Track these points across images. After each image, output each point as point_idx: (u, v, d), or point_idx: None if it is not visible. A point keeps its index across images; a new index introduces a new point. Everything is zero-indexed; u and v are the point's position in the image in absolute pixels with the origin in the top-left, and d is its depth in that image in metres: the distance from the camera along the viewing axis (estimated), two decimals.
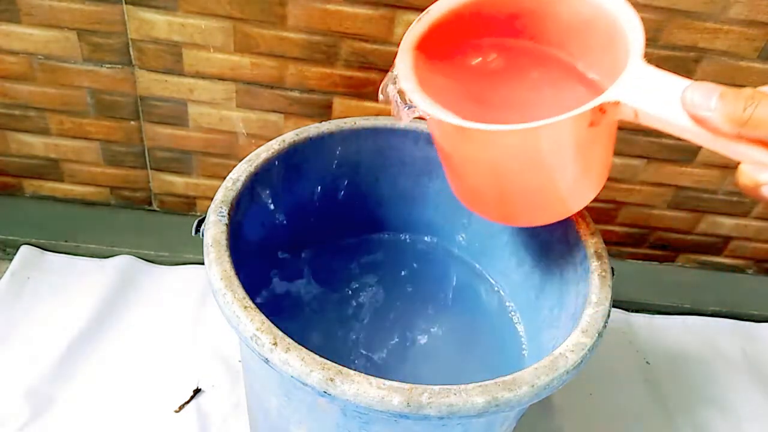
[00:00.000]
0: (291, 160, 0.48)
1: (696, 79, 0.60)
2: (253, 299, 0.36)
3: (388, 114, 0.64)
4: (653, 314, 0.75)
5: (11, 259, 0.68)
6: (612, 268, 0.42)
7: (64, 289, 0.66)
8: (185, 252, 0.71)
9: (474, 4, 0.40)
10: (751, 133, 0.27)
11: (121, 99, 0.63)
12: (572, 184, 0.38)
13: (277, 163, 0.47)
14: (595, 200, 0.73)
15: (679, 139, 0.31)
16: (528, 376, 0.34)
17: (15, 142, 0.67)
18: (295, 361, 0.32)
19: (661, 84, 0.31)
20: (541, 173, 0.36)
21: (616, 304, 0.49)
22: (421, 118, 0.37)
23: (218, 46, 0.59)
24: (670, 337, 0.73)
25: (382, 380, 0.32)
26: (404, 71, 0.38)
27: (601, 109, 0.32)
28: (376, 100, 0.62)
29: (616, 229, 0.75)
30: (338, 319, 0.50)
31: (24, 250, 0.69)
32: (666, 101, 0.30)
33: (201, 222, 0.42)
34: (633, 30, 0.33)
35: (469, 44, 0.42)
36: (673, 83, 0.31)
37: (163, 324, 0.65)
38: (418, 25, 0.40)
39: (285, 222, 0.51)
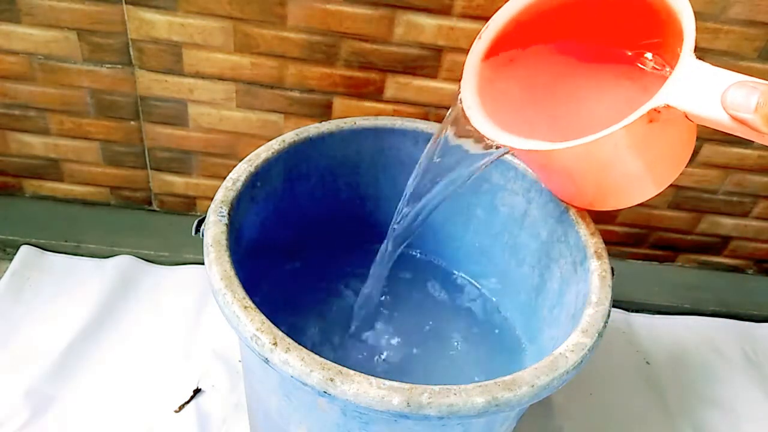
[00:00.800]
0: (291, 160, 0.48)
1: None
2: (252, 299, 0.36)
3: (388, 114, 0.64)
4: (653, 314, 0.75)
5: (11, 259, 0.68)
6: (612, 268, 0.42)
7: (64, 289, 0.66)
8: (185, 252, 0.71)
9: (532, 7, 0.40)
10: None
11: (121, 99, 0.63)
12: (649, 173, 0.38)
13: (277, 163, 0.47)
14: None
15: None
16: (528, 376, 0.34)
17: (15, 142, 0.67)
18: (295, 361, 0.32)
19: (711, 83, 0.30)
20: (615, 170, 0.37)
21: (616, 304, 0.49)
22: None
23: (218, 46, 0.59)
24: (670, 337, 0.73)
25: (382, 380, 0.32)
26: (471, 103, 0.40)
27: (656, 110, 0.31)
28: (377, 100, 0.62)
29: (616, 229, 0.75)
30: (338, 319, 0.50)
31: (24, 250, 0.69)
32: (715, 103, 0.30)
33: (201, 222, 0.42)
34: (687, 22, 0.32)
35: (531, 48, 0.42)
36: (722, 81, 0.30)
37: (163, 324, 0.65)
38: (481, 43, 0.41)
39: (285, 222, 0.51)
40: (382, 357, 0.49)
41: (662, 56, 0.37)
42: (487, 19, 0.52)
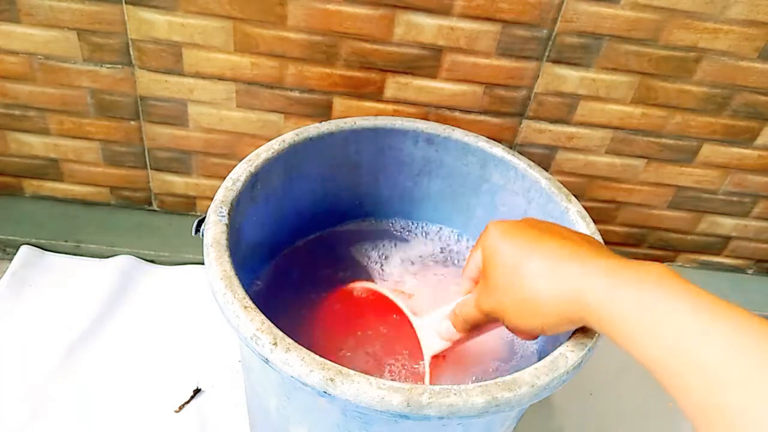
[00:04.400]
0: (291, 160, 0.48)
1: (696, 79, 0.60)
2: (252, 299, 0.36)
3: (388, 114, 0.64)
4: None
5: (11, 259, 0.68)
6: None
7: (64, 289, 0.66)
8: (185, 252, 0.71)
9: None
10: (473, 327, 0.41)
11: (121, 99, 0.63)
12: None
13: (277, 163, 0.46)
14: (595, 200, 0.73)
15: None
16: (528, 376, 0.34)
17: (15, 142, 0.67)
18: (295, 361, 0.32)
19: (433, 326, 0.43)
20: None
21: None
22: None
23: (218, 46, 0.59)
24: None
25: (382, 380, 0.32)
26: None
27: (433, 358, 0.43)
28: (377, 100, 0.62)
29: (616, 229, 0.75)
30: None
31: (24, 250, 0.69)
32: (448, 335, 0.42)
33: (201, 222, 0.41)
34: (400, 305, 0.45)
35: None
36: (437, 321, 0.43)
37: (163, 324, 0.65)
38: None
39: (285, 222, 0.51)
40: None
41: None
42: (487, 18, 0.52)
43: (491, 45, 0.58)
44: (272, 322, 0.34)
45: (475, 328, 0.40)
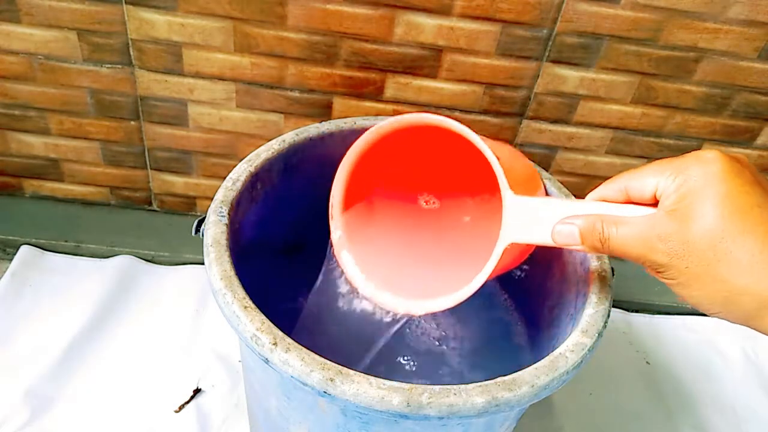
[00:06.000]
0: (291, 160, 0.48)
1: (696, 79, 0.60)
2: (252, 299, 0.36)
3: (388, 114, 0.64)
4: (653, 314, 0.75)
5: (11, 259, 0.68)
6: (612, 268, 0.42)
7: (64, 289, 0.66)
8: (185, 252, 0.71)
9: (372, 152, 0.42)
10: (611, 254, 0.33)
11: (121, 99, 0.63)
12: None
13: (277, 163, 0.47)
14: None
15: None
16: (528, 376, 0.34)
17: (15, 142, 0.67)
18: (295, 361, 0.32)
19: (537, 216, 0.35)
20: None
21: (616, 304, 0.49)
22: None
23: (218, 46, 0.59)
24: (670, 337, 0.73)
25: (382, 380, 0.32)
26: (348, 266, 0.43)
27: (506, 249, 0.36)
28: (376, 100, 0.62)
29: None
30: (337, 318, 0.50)
31: (24, 250, 0.69)
32: (545, 232, 0.35)
33: (201, 222, 0.42)
34: (495, 167, 0.35)
35: (378, 200, 0.45)
36: (545, 213, 0.35)
37: (163, 324, 0.65)
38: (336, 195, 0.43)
39: (285, 222, 0.51)
40: (382, 352, 0.49)
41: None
42: (487, 18, 0.52)
43: (491, 45, 0.58)
44: (272, 321, 0.34)
45: (599, 251, 0.33)
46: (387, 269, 0.43)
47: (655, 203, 0.32)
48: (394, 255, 0.44)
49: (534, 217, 0.35)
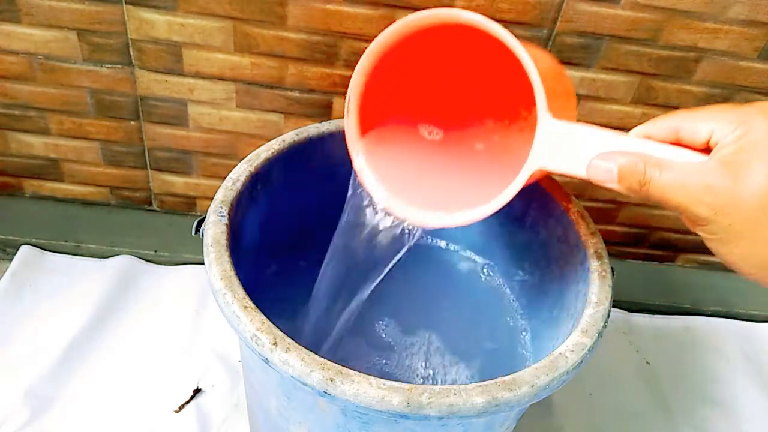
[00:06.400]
0: (291, 160, 0.48)
1: (696, 79, 0.60)
2: (252, 299, 0.36)
3: None
4: (653, 314, 0.75)
5: (11, 259, 0.68)
6: (612, 268, 0.42)
7: (64, 289, 0.66)
8: (185, 252, 0.71)
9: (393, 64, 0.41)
10: (647, 200, 0.31)
11: (121, 99, 0.63)
12: None
13: (277, 163, 0.46)
14: (595, 200, 0.73)
15: None
16: (528, 376, 0.34)
17: (15, 142, 0.67)
18: (295, 361, 0.32)
19: (573, 143, 0.33)
20: None
21: (616, 304, 0.49)
22: None
23: (218, 46, 0.59)
24: (670, 337, 0.73)
25: (382, 380, 0.32)
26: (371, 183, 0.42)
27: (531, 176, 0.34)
28: None
29: (616, 229, 0.75)
30: (337, 318, 0.50)
31: (24, 250, 0.69)
32: (580, 163, 0.33)
33: (201, 222, 0.42)
34: (535, 82, 0.33)
35: (396, 121, 0.44)
36: (581, 141, 0.33)
37: (163, 324, 0.65)
38: (351, 117, 0.42)
39: (285, 222, 0.51)
40: (382, 352, 0.49)
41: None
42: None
43: None
44: (272, 321, 0.34)
45: (636, 194, 0.31)
46: (408, 191, 0.41)
47: (706, 150, 0.30)
48: (412, 179, 0.43)
49: (570, 145, 0.32)
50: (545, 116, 0.33)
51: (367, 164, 0.41)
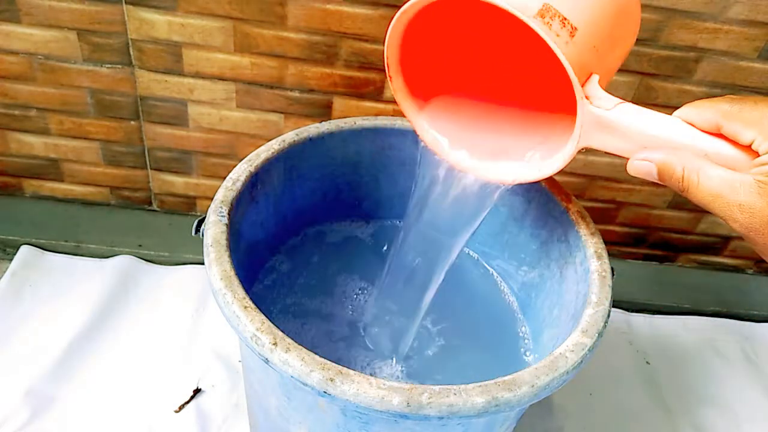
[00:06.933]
0: (291, 160, 0.48)
1: (696, 79, 0.60)
2: (252, 299, 0.36)
3: (388, 114, 0.64)
4: (653, 314, 0.75)
5: (11, 259, 0.68)
6: (612, 268, 0.42)
7: (64, 289, 0.66)
8: (185, 252, 0.71)
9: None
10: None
11: (121, 99, 0.63)
12: None
13: (277, 163, 0.46)
14: (595, 200, 0.73)
15: None
16: (528, 376, 0.34)
17: (15, 142, 0.67)
18: (295, 361, 0.32)
19: (611, 127, 0.33)
20: None
21: (616, 304, 0.49)
22: None
23: (218, 46, 0.59)
24: (670, 337, 0.73)
25: (382, 380, 0.32)
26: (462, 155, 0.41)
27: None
28: (376, 100, 0.62)
29: (616, 229, 0.75)
30: (337, 318, 0.50)
31: (24, 250, 0.69)
32: (623, 147, 0.34)
33: (201, 222, 0.42)
34: (569, 72, 0.33)
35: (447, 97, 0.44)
36: (623, 126, 0.33)
37: (163, 324, 0.65)
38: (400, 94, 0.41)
39: (285, 222, 0.51)
40: (382, 353, 0.49)
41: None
42: None
43: None
44: (272, 321, 0.34)
45: (680, 192, 0.31)
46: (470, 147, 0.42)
47: (749, 149, 0.30)
48: (470, 137, 0.43)
49: (610, 128, 0.33)
50: (583, 104, 0.33)
51: (430, 126, 0.42)
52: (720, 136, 0.31)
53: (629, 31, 0.37)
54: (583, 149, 0.35)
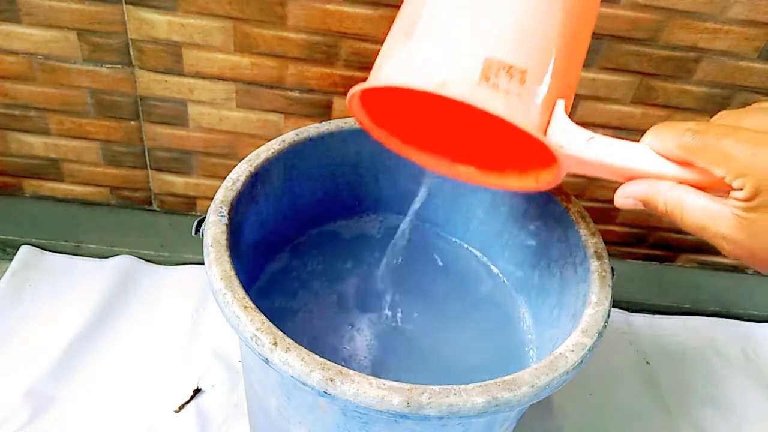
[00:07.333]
0: (291, 160, 0.48)
1: (696, 79, 0.60)
2: (252, 299, 0.36)
3: None
4: (653, 314, 0.75)
5: (11, 259, 0.68)
6: (612, 268, 0.42)
7: (64, 289, 0.66)
8: (185, 252, 0.71)
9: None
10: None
11: (121, 99, 0.63)
12: None
13: (277, 163, 0.47)
14: (595, 200, 0.73)
15: None
16: (528, 376, 0.34)
17: (15, 142, 0.67)
18: (295, 361, 0.32)
19: (587, 161, 0.33)
20: None
21: (616, 304, 0.49)
22: None
23: (218, 46, 0.59)
24: (670, 337, 0.73)
25: (382, 380, 0.32)
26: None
27: None
28: None
29: (616, 229, 0.75)
30: (337, 318, 0.50)
31: (24, 250, 0.69)
32: (605, 172, 0.34)
33: (201, 222, 0.42)
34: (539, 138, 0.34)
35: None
36: (598, 160, 0.33)
37: (163, 324, 0.65)
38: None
39: (285, 222, 0.51)
40: (383, 352, 0.49)
41: None
42: None
43: None
44: (272, 321, 0.34)
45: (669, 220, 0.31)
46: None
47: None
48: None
49: (584, 163, 0.33)
50: (558, 153, 0.33)
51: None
52: (690, 165, 0.31)
53: (587, 33, 0.36)
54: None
